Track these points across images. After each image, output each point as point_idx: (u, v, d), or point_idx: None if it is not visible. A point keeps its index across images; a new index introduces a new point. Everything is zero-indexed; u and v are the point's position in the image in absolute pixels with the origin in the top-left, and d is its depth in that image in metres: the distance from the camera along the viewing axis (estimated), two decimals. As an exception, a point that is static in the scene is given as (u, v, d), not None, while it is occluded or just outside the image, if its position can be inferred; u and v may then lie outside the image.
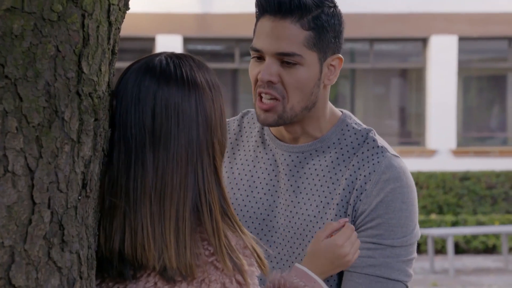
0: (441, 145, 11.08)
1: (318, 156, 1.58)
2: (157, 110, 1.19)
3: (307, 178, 1.57)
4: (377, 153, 1.55)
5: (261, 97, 1.54)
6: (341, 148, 1.57)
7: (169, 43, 11.42)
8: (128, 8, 1.26)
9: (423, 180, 10.02)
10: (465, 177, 10.13)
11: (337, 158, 1.56)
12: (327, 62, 1.55)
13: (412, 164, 9.83)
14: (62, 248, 1.10)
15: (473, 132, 11.89)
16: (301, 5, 1.51)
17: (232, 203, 1.62)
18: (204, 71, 1.25)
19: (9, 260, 1.03)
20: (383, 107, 12.50)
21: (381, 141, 1.58)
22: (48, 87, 1.10)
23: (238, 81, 12.05)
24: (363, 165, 1.54)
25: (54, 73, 1.10)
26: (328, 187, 1.55)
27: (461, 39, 11.20)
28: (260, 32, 1.55)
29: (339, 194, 1.53)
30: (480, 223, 9.51)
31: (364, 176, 1.52)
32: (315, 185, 1.56)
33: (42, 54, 1.09)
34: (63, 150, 1.11)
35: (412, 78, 12.01)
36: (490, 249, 9.64)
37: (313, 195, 1.56)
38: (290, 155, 1.59)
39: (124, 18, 1.26)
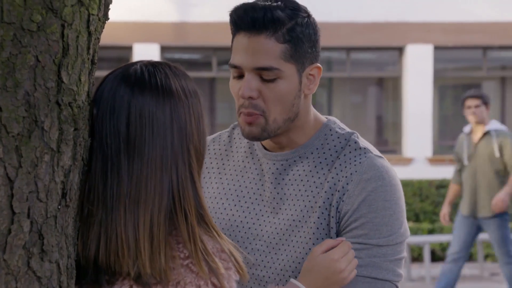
0: (418, 153, 11.17)
1: (302, 162, 1.59)
2: (132, 119, 1.21)
3: (292, 185, 1.59)
4: (359, 154, 1.56)
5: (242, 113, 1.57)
6: (324, 153, 1.59)
7: (146, 52, 11.40)
8: (107, 19, 1.27)
9: (399, 188, 10.10)
10: (441, 185, 10.22)
11: (320, 162, 1.58)
12: (306, 72, 1.57)
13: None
14: (41, 258, 1.10)
15: (448, 140, 12.00)
16: (274, 19, 1.52)
17: (221, 213, 1.63)
18: (180, 78, 1.27)
19: (-11, 270, 1.03)
20: (360, 116, 12.58)
21: (364, 143, 1.60)
22: (27, 97, 1.10)
23: (215, 90, 12.06)
24: (345, 167, 1.55)
25: (33, 83, 1.11)
26: (312, 191, 1.56)
27: (437, 48, 11.32)
28: (237, 48, 1.57)
29: (321, 197, 1.54)
30: (456, 231, 9.60)
31: (346, 177, 1.53)
32: (299, 190, 1.57)
33: (21, 64, 1.09)
34: (43, 160, 1.12)
35: (389, 87, 12.11)
36: (466, 257, 9.73)
37: (297, 200, 1.57)
38: (274, 163, 1.61)
39: (103, 28, 1.27)
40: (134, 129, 1.20)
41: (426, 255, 8.24)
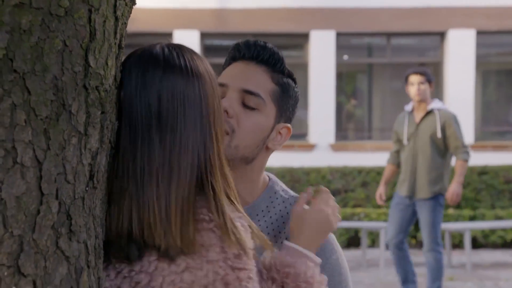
0: (459, 140, 11.01)
1: None
2: (163, 96, 1.24)
3: None
4: (290, 204, 1.57)
5: None
6: (270, 217, 1.57)
7: (186, 39, 11.46)
8: (134, 3, 1.28)
9: (440, 174, 9.99)
10: (483, 171, 10.07)
11: (267, 227, 1.56)
12: (278, 126, 1.57)
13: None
14: (69, 238, 1.13)
15: (491, 126, 11.81)
16: (277, 62, 1.57)
17: None
18: (201, 60, 1.31)
19: (18, 249, 1.06)
20: (400, 102, 12.44)
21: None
22: (55, 81, 1.12)
23: (255, 76, 12.04)
24: (282, 217, 1.57)
25: (61, 67, 1.13)
26: None
27: (479, 33, 11.13)
28: (227, 72, 1.58)
29: None
30: (498, 218, 9.46)
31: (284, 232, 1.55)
32: None
33: (49, 48, 1.12)
34: (71, 142, 1.14)
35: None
36: (508, 244, 9.59)
37: None
38: None
39: (130, 13, 1.28)
40: (166, 106, 1.23)
41: (467, 241, 8.15)
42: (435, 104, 5.88)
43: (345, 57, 11.88)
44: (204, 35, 11.62)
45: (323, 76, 11.43)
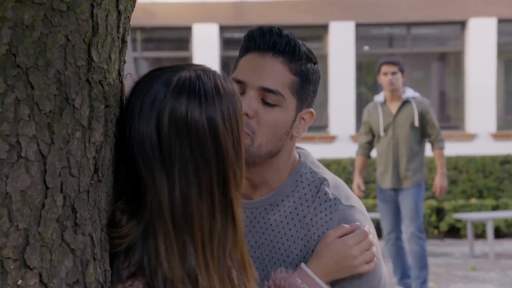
0: (481, 129, 10.92)
1: (272, 210, 1.55)
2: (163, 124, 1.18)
3: (263, 233, 1.54)
4: (330, 207, 1.52)
5: None
6: (294, 202, 1.54)
7: (205, 32, 11.48)
8: (137, -3, 1.29)
9: (462, 164, 9.91)
10: (505, 160, 9.98)
11: (290, 212, 1.53)
12: (301, 114, 1.54)
13: (451, 148, 9.71)
14: (75, 231, 1.14)
15: (514, 115, 11.68)
16: (295, 49, 1.51)
17: None
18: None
19: (24, 242, 1.07)
20: (422, 92, 12.33)
21: (334, 191, 1.54)
22: (58, 75, 1.13)
23: (275, 69, 12.03)
24: (316, 222, 1.51)
25: (64, 61, 1.14)
26: (283, 244, 1.52)
27: (500, 21, 11.00)
28: (244, 65, 1.53)
29: (297, 255, 1.51)
30: (521, 207, 9.38)
31: (318, 236, 1.50)
32: (271, 241, 1.53)
33: (52, 43, 1.12)
34: (75, 136, 1.15)
35: (451, 62, 11.84)
36: (531, 233, 9.51)
37: (270, 251, 1.53)
38: (244, 211, 1.54)
39: (134, 6, 1.29)
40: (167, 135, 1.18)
41: (489, 231, 8.09)
42: (409, 93, 5.80)
43: (366, 48, 11.81)
44: (223, 28, 11.62)
45: (343, 67, 11.38)
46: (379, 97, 5.93)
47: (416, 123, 5.69)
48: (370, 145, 5.98)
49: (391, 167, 5.79)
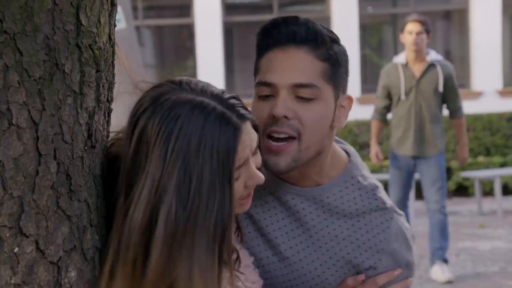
0: (487, 87, 10.84)
1: (315, 204, 1.46)
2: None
3: (302, 225, 1.46)
4: (385, 214, 1.46)
5: (271, 138, 1.36)
6: (343, 203, 1.46)
7: (207, -2, 11.37)
8: (125, -42, 1.26)
9: (469, 122, 9.86)
10: (512, 117, 9.93)
11: (337, 212, 1.45)
12: (339, 101, 1.42)
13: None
14: (70, 197, 1.13)
15: (520, 71, 11.59)
16: (317, 35, 1.38)
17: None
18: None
19: (19, 210, 1.06)
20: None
21: (387, 199, 1.49)
22: (47, 41, 1.11)
23: (278, 33, 11.95)
24: (372, 229, 1.45)
25: (52, 26, 1.12)
26: (325, 243, 1.45)
27: (504, -25, 10.85)
28: (268, 65, 1.39)
29: (342, 257, 1.45)
30: (529, 164, 9.36)
31: (375, 244, 1.44)
32: (310, 236, 1.46)
33: (39, 8, 1.10)
34: (66, 102, 1.13)
35: (455, 20, 11.71)
36: (540, 189, 9.50)
37: (308, 247, 1.47)
38: (294, 198, 1.46)
39: (122, -32, 1.26)
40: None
41: (497, 188, 8.08)
42: (433, 55, 5.40)
43: (369, 8, 11.69)
44: (224, -6, 11.51)
45: (346, 29, 11.27)
46: (400, 58, 5.46)
47: (441, 88, 5.33)
48: (387, 110, 5.55)
49: (413, 132, 5.41)
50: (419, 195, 8.58)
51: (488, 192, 9.35)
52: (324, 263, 1.45)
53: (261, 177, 1.23)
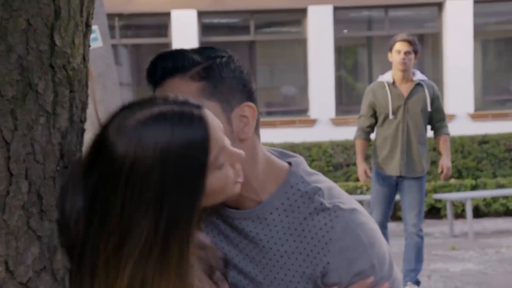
0: (459, 110, 10.99)
1: (261, 223, 1.42)
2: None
3: (254, 248, 1.43)
4: (329, 215, 1.40)
5: None
6: (287, 216, 1.41)
7: (184, 18, 11.41)
8: (100, -20, 1.27)
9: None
10: (483, 140, 10.05)
11: (283, 227, 1.42)
12: (235, 113, 1.38)
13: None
14: (41, 217, 1.13)
15: (491, 95, 11.77)
16: (184, 59, 1.38)
17: None
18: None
19: (-11, 230, 1.06)
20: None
21: (330, 199, 1.42)
22: (20, 61, 1.12)
23: (254, 53, 12.02)
24: (316, 234, 1.40)
25: (26, 46, 1.12)
26: (277, 261, 1.42)
27: (476, 2, 11.04)
28: None
29: (296, 271, 1.41)
30: (499, 186, 9.45)
31: (322, 248, 1.39)
32: (263, 257, 1.42)
33: (13, 28, 1.11)
34: (38, 122, 1.14)
35: (429, 44, 11.88)
36: (510, 211, 9.60)
37: (263, 268, 1.43)
38: (240, 222, 1.43)
39: (97, -10, 1.27)
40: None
41: (468, 210, 8.16)
42: (419, 76, 5.39)
43: (344, 31, 11.82)
44: (201, 14, 11.56)
45: (322, 51, 11.38)
46: (386, 77, 5.41)
47: (429, 108, 5.30)
48: (371, 129, 5.48)
49: (399, 152, 5.33)
50: (394, 216, 8.62)
51: (459, 214, 9.44)
52: (289, 283, 1.42)
53: (240, 152, 1.23)
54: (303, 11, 11.46)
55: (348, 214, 1.40)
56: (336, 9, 11.35)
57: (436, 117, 5.40)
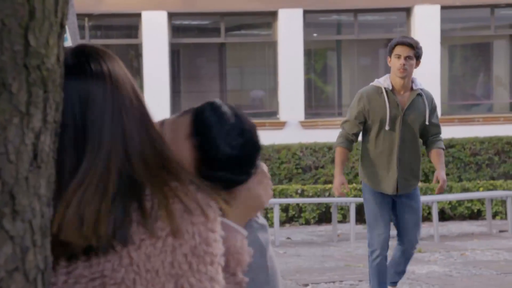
0: (427, 114, 11.15)
1: None
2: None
3: None
4: None
5: None
6: None
7: (154, 19, 11.37)
8: (75, -19, 1.28)
9: (409, 149, 10.11)
10: (450, 144, 10.20)
11: None
12: None
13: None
14: (13, 218, 1.13)
15: (457, 100, 11.95)
16: None
17: None
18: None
19: (-39, 229, 1.06)
20: (369, 78, 12.48)
21: None
22: (-6, 61, 1.12)
23: (225, 55, 12.04)
24: None
25: (0, 46, 1.12)
26: None
27: (443, 8, 11.21)
28: None
29: None
30: (465, 190, 9.60)
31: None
32: None
33: (-13, 28, 1.11)
34: (12, 122, 1.13)
35: (397, 48, 12.02)
36: (475, 215, 9.76)
37: None
38: None
39: (72, -9, 1.28)
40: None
41: (434, 214, 8.29)
42: (419, 84, 4.85)
43: (314, 34, 11.90)
44: (171, 15, 11.54)
45: (292, 54, 11.44)
46: (385, 82, 4.76)
47: (427, 121, 4.80)
48: (356, 137, 4.88)
49: (397, 169, 4.76)
50: (360, 219, 8.70)
51: (426, 217, 9.57)
52: None
53: None
54: (273, 14, 11.51)
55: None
56: (306, 12, 11.42)
57: (432, 131, 4.95)
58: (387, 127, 4.72)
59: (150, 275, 1.18)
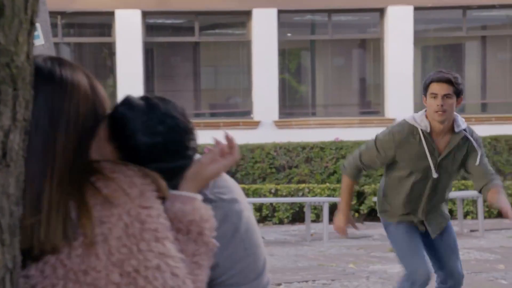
0: (399, 114, 11.22)
1: None
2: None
3: None
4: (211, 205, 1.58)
5: None
6: None
7: (128, 18, 11.31)
8: (45, -21, 1.27)
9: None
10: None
11: None
12: None
13: (372, 133, 9.91)
14: (-18, 216, 1.12)
15: (430, 100, 12.04)
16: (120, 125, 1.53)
17: None
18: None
19: None
20: (343, 78, 12.58)
21: (212, 189, 1.61)
22: (-37, 58, 1.10)
23: (199, 54, 12.01)
24: None
25: (-31, 44, 1.11)
26: None
27: (417, 9, 11.31)
28: None
29: None
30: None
31: None
32: None
33: (-44, 25, 1.10)
34: (-19, 120, 1.13)
35: (370, 49, 12.10)
36: (446, 215, 9.86)
37: None
38: None
39: (42, -12, 1.27)
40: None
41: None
42: (462, 123, 3.93)
43: (288, 34, 11.93)
44: (145, 14, 11.48)
45: (266, 54, 11.45)
46: (422, 122, 3.87)
47: (476, 163, 3.90)
48: (367, 170, 4.20)
49: (421, 216, 4.02)
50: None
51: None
52: None
53: None
54: (247, 14, 11.51)
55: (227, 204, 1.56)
56: (280, 12, 11.44)
57: (486, 173, 3.93)
58: (418, 174, 3.95)
59: (90, 276, 1.21)
